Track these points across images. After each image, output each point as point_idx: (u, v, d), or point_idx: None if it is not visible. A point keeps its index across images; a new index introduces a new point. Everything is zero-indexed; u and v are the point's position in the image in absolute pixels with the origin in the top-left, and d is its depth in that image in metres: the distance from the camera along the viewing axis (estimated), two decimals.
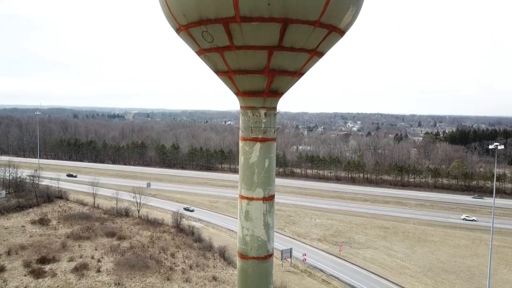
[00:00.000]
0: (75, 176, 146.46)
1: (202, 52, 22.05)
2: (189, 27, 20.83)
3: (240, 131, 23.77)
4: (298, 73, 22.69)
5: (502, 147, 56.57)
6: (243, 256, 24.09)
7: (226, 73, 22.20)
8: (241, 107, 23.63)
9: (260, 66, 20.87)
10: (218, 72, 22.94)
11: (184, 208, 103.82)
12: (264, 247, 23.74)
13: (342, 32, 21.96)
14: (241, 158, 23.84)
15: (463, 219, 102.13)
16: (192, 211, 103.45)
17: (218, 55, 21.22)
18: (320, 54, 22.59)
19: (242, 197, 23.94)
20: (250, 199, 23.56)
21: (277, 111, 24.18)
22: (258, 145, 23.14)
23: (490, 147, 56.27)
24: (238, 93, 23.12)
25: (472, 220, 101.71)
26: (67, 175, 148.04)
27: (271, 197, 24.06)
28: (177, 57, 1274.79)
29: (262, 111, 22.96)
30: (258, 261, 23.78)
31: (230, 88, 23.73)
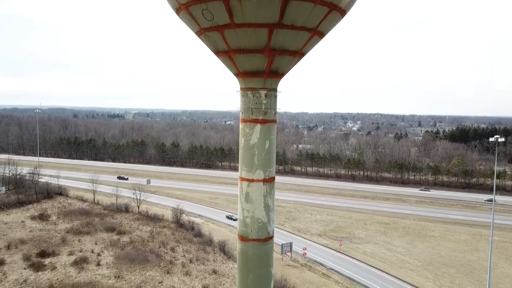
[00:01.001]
0: (127, 179, 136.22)
1: (202, 31, 21.97)
2: (189, 5, 20.75)
3: (241, 113, 23.67)
4: (299, 53, 22.61)
5: (503, 139, 56.57)
6: (243, 238, 24.01)
7: (226, 53, 22.11)
8: (241, 88, 23.54)
9: (261, 44, 20.79)
10: (218, 52, 22.86)
11: (227, 216, 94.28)
12: (264, 229, 23.67)
13: (343, 12, 21.90)
14: (241, 140, 23.77)
15: None
16: (236, 220, 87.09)
17: (218, 34, 21.14)
18: (321, 34, 22.51)
19: (242, 179, 23.88)
20: (251, 180, 23.49)
21: (278, 92, 24.12)
22: (258, 127, 23.05)
23: (491, 139, 56.23)
24: (238, 74, 23.03)
25: None
26: (118, 177, 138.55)
27: (272, 179, 24.00)
28: (177, 57, 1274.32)
29: (263, 92, 22.87)
30: (259, 243, 23.68)
31: (230, 69, 23.65)
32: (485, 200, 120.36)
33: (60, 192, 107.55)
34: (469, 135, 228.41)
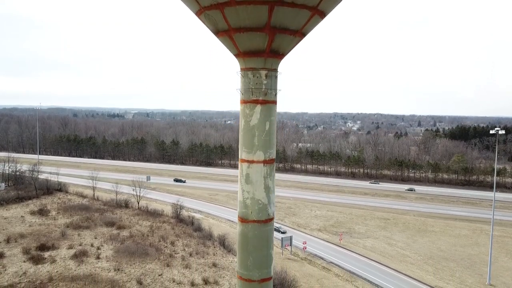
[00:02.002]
0: (184, 181, 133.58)
1: (202, 11, 21.85)
2: None
3: (240, 94, 23.55)
4: (299, 33, 22.47)
5: (503, 132, 56.42)
6: (243, 220, 23.89)
7: (227, 32, 21.99)
8: (241, 69, 23.41)
9: (261, 22, 20.66)
10: (218, 32, 22.72)
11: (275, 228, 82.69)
12: (264, 210, 23.55)
13: None
14: (242, 121, 23.64)
15: None
16: (284, 232, 79.04)
17: (218, 13, 21.02)
18: (322, 14, 22.37)
19: (242, 161, 23.77)
20: (251, 162, 23.37)
21: (278, 73, 23.99)
22: (258, 108, 22.92)
23: (491, 132, 56.15)
24: (238, 54, 22.90)
25: None
26: (174, 179, 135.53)
27: (272, 161, 23.87)
28: (177, 57, 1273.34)
29: (263, 72, 22.73)
30: (259, 224, 23.56)
31: (230, 50, 23.51)
32: (406, 190, 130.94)
33: (60, 188, 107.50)
34: (469, 133, 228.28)
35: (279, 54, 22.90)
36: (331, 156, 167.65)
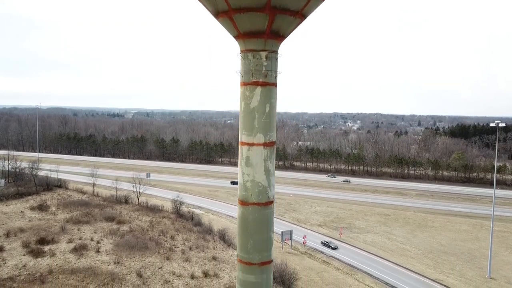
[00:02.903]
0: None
1: None
2: None
3: (241, 76, 23.45)
4: (300, 14, 22.39)
5: (504, 124, 56.36)
6: (243, 203, 23.81)
7: (227, 13, 21.90)
8: (241, 51, 23.31)
9: (261, 2, 20.56)
10: (218, 14, 22.64)
11: (323, 242, 71.89)
12: (264, 193, 23.47)
13: None
14: (242, 104, 23.56)
15: None
16: (334, 248, 69.72)
17: None
18: None
19: (242, 144, 23.69)
20: (251, 144, 23.28)
21: (279, 55, 23.88)
22: (259, 90, 22.82)
23: (492, 125, 56.02)
24: (238, 35, 22.82)
25: None
26: (231, 182, 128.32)
27: (272, 143, 23.79)
28: (177, 57, 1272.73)
29: (263, 54, 22.64)
30: (259, 207, 23.47)
31: (230, 32, 23.43)
32: (342, 181, 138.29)
33: (60, 184, 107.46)
34: (469, 131, 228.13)
35: (279, 36, 22.80)
36: (331, 154, 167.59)
